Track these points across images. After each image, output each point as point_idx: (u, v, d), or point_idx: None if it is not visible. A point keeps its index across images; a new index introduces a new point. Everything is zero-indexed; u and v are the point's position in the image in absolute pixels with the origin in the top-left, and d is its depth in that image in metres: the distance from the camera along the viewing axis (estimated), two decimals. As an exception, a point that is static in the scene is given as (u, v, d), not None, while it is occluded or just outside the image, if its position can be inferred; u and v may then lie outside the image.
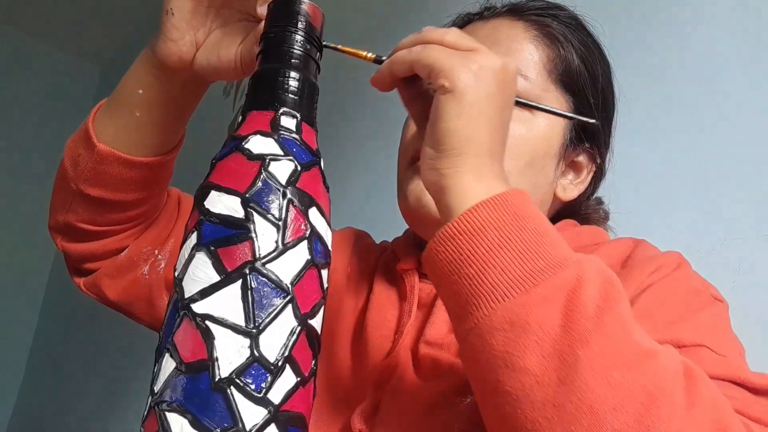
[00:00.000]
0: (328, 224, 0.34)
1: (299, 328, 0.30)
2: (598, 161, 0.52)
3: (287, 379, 0.29)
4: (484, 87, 0.34)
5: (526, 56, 0.48)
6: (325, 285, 0.33)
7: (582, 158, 0.52)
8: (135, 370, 1.80)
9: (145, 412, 0.29)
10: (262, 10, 0.39)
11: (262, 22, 0.39)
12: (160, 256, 0.53)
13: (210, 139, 2.00)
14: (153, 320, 0.55)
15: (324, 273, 0.33)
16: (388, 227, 0.61)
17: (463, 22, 0.54)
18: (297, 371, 0.29)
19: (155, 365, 0.30)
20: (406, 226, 0.55)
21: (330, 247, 0.33)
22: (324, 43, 0.38)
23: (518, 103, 0.42)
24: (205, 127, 1.81)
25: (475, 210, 0.32)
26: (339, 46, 0.41)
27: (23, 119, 2.59)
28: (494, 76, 0.35)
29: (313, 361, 0.31)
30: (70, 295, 0.65)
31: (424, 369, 0.43)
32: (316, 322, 0.32)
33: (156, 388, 0.29)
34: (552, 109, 0.46)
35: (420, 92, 0.38)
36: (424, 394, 0.41)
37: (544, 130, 0.48)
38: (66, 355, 2.36)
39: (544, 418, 0.28)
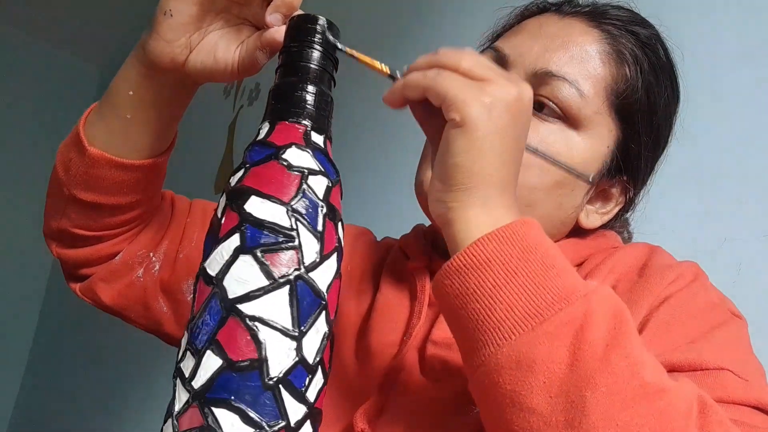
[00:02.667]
0: (343, 238, 0.36)
1: (328, 333, 0.33)
2: (630, 195, 0.50)
3: (319, 379, 0.32)
4: (495, 121, 0.33)
5: (589, 69, 0.45)
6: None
7: (615, 189, 0.49)
8: (135, 369, 1.71)
9: (180, 407, 0.30)
10: (272, 18, 0.39)
11: (273, 29, 0.40)
12: (154, 259, 0.52)
13: (210, 139, 1.86)
14: (149, 323, 0.53)
15: (340, 282, 0.35)
16: (390, 225, 0.60)
17: (539, 9, 0.51)
18: (324, 372, 0.32)
19: (187, 360, 0.31)
20: (410, 226, 0.55)
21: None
22: (339, 46, 0.39)
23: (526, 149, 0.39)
24: (205, 127, 1.70)
25: (481, 243, 0.32)
26: (355, 54, 0.40)
27: (23, 119, 2.60)
28: (507, 108, 0.34)
29: (330, 363, 0.34)
30: (70, 296, 0.57)
31: (431, 370, 0.43)
32: (333, 328, 0.34)
33: (196, 384, 0.30)
34: (559, 162, 0.43)
35: (433, 111, 0.37)
36: (431, 397, 0.41)
37: (585, 154, 0.45)
38: (66, 355, 2.24)
39: None
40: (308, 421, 0.31)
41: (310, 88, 0.36)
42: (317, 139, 0.36)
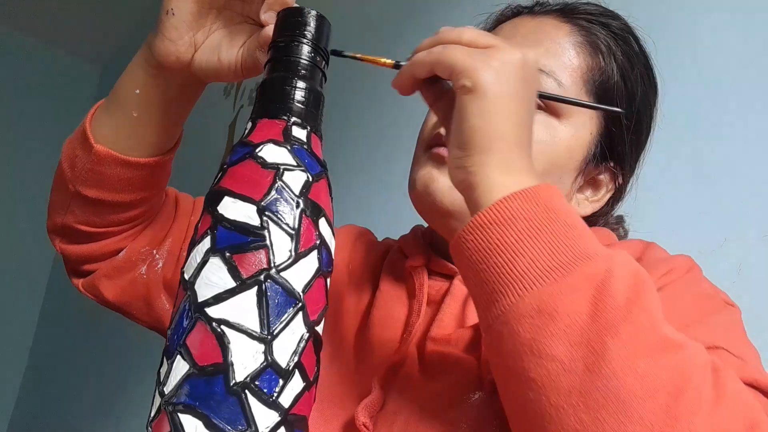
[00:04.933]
0: (333, 234, 0.35)
1: (308, 335, 0.31)
2: (620, 182, 0.50)
3: (296, 384, 0.30)
4: (505, 82, 0.34)
5: (564, 61, 0.47)
6: (328, 292, 0.34)
7: (603, 176, 0.50)
8: (134, 369, 1.76)
9: (153, 413, 0.29)
10: (267, 16, 0.39)
11: (268, 27, 0.39)
12: (157, 256, 0.52)
13: (210, 139, 1.92)
14: (151, 320, 0.54)
15: (328, 281, 0.34)
16: (389, 225, 0.61)
17: (512, 13, 0.53)
18: (304, 376, 0.31)
19: (163, 366, 0.30)
20: (408, 226, 0.55)
21: (333, 256, 0.35)
22: (343, 52, 0.39)
23: (542, 96, 0.42)
24: (205, 127, 1.75)
25: (506, 201, 0.31)
26: (357, 55, 0.40)
27: (23, 119, 2.61)
28: (515, 70, 0.34)
29: (316, 367, 0.32)
30: (70, 296, 0.59)
31: (431, 365, 0.43)
32: (320, 329, 0.33)
33: (166, 390, 0.29)
34: (576, 101, 0.44)
35: (443, 91, 0.38)
36: (431, 391, 0.42)
37: (568, 141, 0.46)
38: (66, 355, 2.32)
39: (570, 405, 0.28)
40: (282, 428, 0.29)
41: (296, 84, 0.35)
42: (299, 134, 0.34)
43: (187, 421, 0.28)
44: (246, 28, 0.42)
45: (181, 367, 0.29)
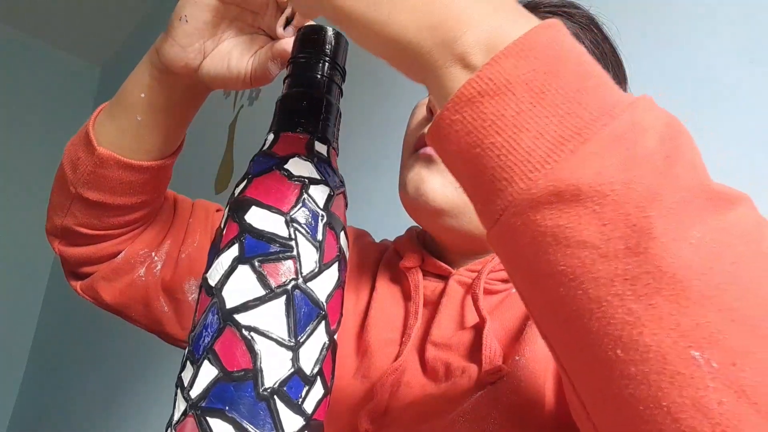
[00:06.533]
0: (348, 247, 0.37)
1: (328, 343, 0.33)
2: None
3: (318, 391, 0.31)
4: None
5: None
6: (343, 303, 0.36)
7: None
8: (134, 369, 1.74)
9: (177, 416, 0.30)
10: (286, 31, 0.40)
11: (283, 41, 0.41)
12: (156, 258, 0.52)
13: (210, 139, 1.88)
14: (149, 321, 0.54)
15: (344, 292, 0.36)
16: (387, 227, 0.62)
17: None
18: (324, 384, 0.32)
19: (186, 370, 0.31)
20: (405, 227, 0.57)
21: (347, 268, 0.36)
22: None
23: None
24: (205, 127, 1.73)
25: (495, 63, 0.24)
26: None
27: (23, 119, 2.60)
28: None
29: (332, 375, 0.34)
30: (71, 296, 0.59)
31: (432, 371, 0.43)
32: (337, 338, 0.34)
33: (193, 394, 0.30)
34: None
35: None
36: (433, 395, 0.42)
37: None
38: (66, 355, 2.28)
39: (614, 295, 0.22)
40: (305, 433, 0.31)
41: (316, 99, 0.36)
42: (320, 148, 0.36)
43: (216, 424, 0.28)
44: (257, 38, 0.43)
45: (209, 372, 0.30)
